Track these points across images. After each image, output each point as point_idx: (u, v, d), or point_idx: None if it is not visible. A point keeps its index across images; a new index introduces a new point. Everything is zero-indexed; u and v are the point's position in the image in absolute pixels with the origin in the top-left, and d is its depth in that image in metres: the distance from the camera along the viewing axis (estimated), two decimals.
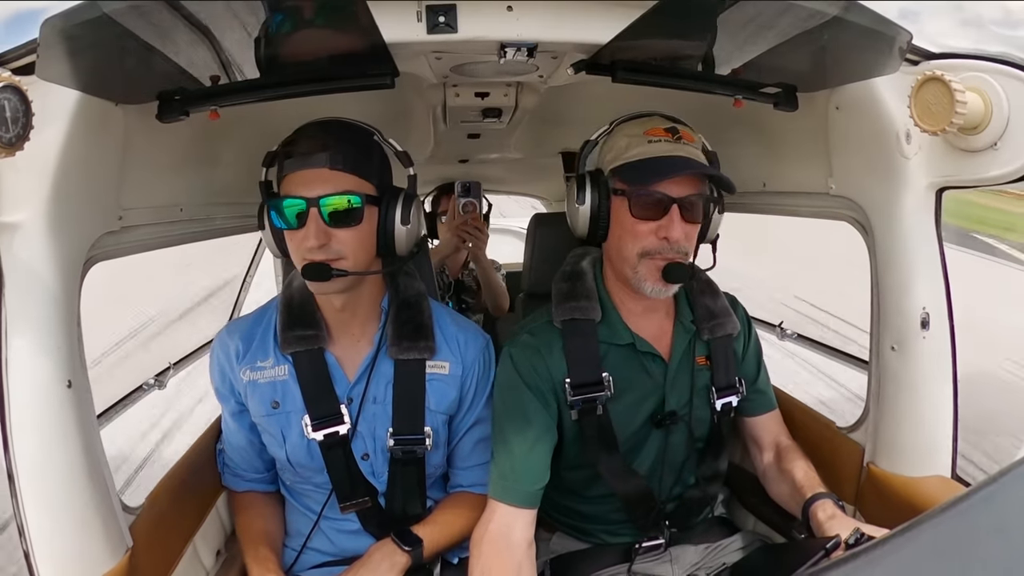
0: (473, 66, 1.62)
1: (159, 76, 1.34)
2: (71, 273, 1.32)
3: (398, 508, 1.71)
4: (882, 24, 1.26)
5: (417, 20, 1.24)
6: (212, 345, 1.74)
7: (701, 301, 1.80)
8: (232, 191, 2.06)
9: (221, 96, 1.42)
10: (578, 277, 1.75)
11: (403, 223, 1.55)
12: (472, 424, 1.77)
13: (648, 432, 1.76)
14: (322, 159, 1.47)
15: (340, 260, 1.50)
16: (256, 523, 1.74)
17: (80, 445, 1.32)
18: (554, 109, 2.35)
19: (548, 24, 1.30)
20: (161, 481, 1.75)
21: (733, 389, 1.81)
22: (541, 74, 1.69)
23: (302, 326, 1.63)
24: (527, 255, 2.47)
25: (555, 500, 1.81)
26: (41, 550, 1.29)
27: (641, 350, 1.72)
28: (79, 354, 1.36)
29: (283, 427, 1.65)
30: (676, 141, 1.58)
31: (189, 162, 1.82)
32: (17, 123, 1.05)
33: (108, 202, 1.46)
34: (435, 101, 2.19)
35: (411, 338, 1.66)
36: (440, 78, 1.73)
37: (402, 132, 2.51)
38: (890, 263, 1.61)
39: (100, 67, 1.27)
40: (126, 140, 1.46)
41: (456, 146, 3.13)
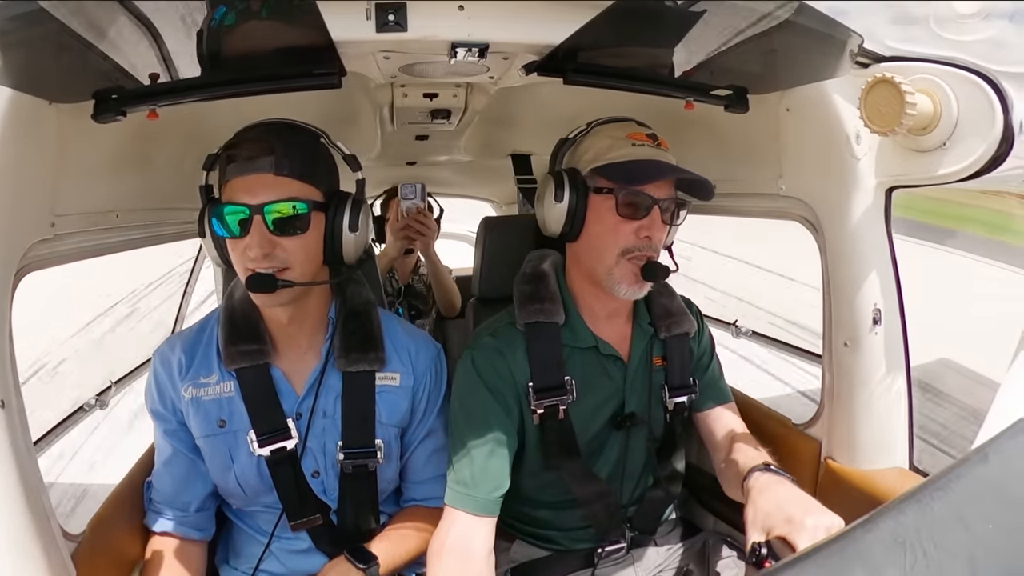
0: (422, 66, 1.58)
1: (95, 74, 1.27)
2: (1, 284, 1.25)
3: (350, 524, 1.65)
4: (833, 27, 1.27)
5: (366, 18, 1.20)
6: (152, 361, 1.65)
7: (658, 301, 1.82)
8: (171, 196, 2.00)
9: (160, 95, 1.37)
10: (540, 279, 1.73)
11: (351, 230, 1.50)
12: (425, 436, 1.72)
13: (608, 435, 1.76)
14: (266, 164, 1.40)
15: (286, 270, 1.44)
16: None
17: (15, 469, 1.23)
18: (504, 111, 2.33)
19: (500, 24, 1.28)
20: (103, 505, 1.65)
21: (687, 388, 1.82)
22: (492, 75, 1.65)
23: (246, 340, 1.56)
24: (477, 259, 2.42)
25: (514, 508, 1.78)
26: None
27: (603, 353, 1.72)
28: (12, 372, 1.28)
29: (231, 447, 1.58)
30: (656, 147, 1.61)
31: (126, 165, 1.74)
32: None
33: (40, 208, 1.38)
34: (382, 101, 2.15)
35: (360, 349, 1.61)
36: (388, 78, 1.69)
37: (348, 133, 2.49)
38: (841, 261, 1.63)
39: (33, 63, 1.21)
40: (60, 141, 1.40)
41: (404, 148, 3.08)
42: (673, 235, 1.76)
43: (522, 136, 2.83)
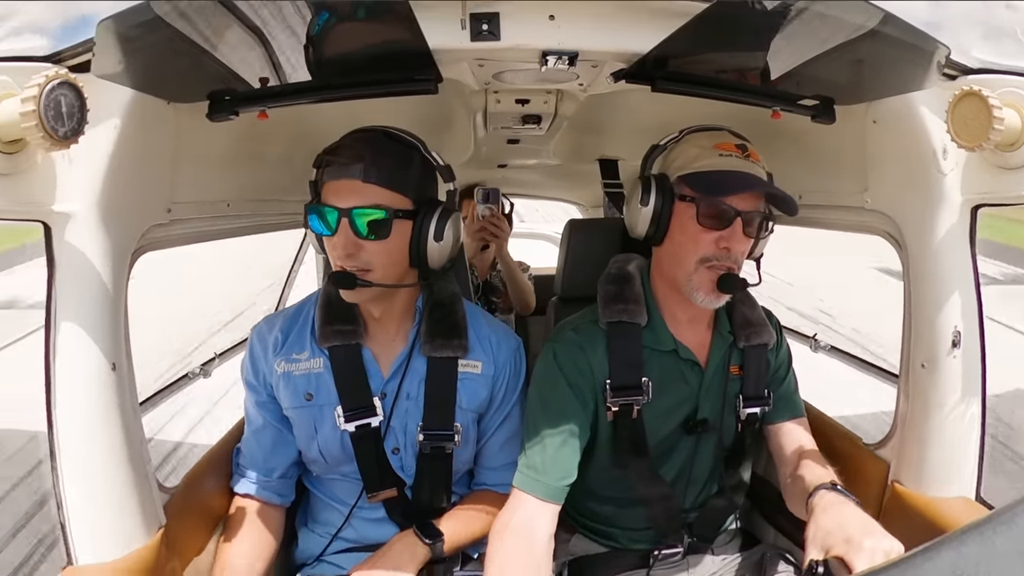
0: (514, 73, 1.60)
1: (210, 76, 1.35)
2: (120, 262, 1.34)
3: (423, 501, 1.70)
4: (920, 38, 1.22)
5: (461, 28, 1.23)
6: (249, 337, 1.73)
7: (739, 310, 1.77)
8: (277, 189, 2.08)
9: (270, 98, 1.43)
10: (626, 280, 1.71)
11: (436, 239, 1.53)
12: (500, 424, 1.75)
13: (679, 439, 1.73)
14: (356, 171, 1.46)
15: (368, 271, 1.49)
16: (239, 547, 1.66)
17: (121, 426, 1.34)
18: (593, 117, 2.32)
19: (589, 33, 1.28)
20: (196, 465, 1.78)
21: (761, 399, 1.76)
22: (581, 82, 1.66)
23: (341, 321, 1.62)
24: (561, 259, 2.42)
25: (578, 501, 1.78)
26: (77, 523, 1.31)
27: (682, 357, 1.69)
28: (124, 339, 1.38)
29: (315, 419, 1.64)
30: (745, 158, 1.57)
31: (237, 160, 1.83)
32: (72, 118, 1.07)
33: (158, 196, 1.48)
34: (476, 107, 2.19)
35: (445, 336, 1.65)
36: (482, 84, 1.72)
37: (444, 137, 2.52)
38: (923, 280, 1.56)
39: (153, 67, 1.29)
40: (177, 137, 1.48)
41: (495, 151, 3.12)
42: (762, 246, 1.72)
43: (610, 141, 2.82)
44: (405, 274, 1.58)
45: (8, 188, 1.13)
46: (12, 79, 1.08)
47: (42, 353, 1.28)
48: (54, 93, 1.04)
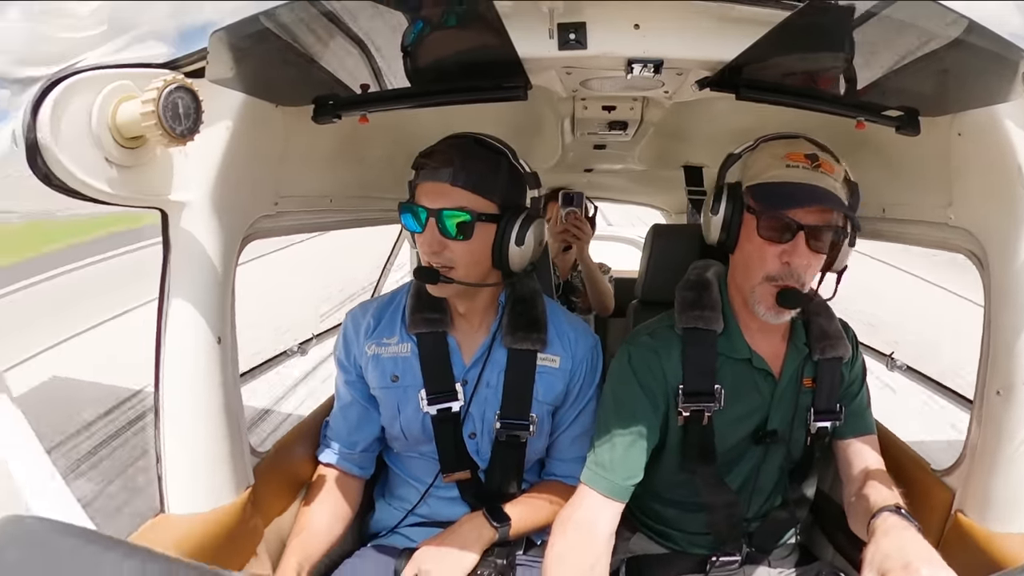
0: (601, 81, 1.58)
1: (315, 82, 1.38)
2: (229, 247, 1.42)
3: (495, 485, 1.72)
4: (1006, 48, 1.12)
5: (549, 37, 1.22)
6: (344, 321, 1.78)
7: (816, 321, 1.68)
8: (376, 187, 2.13)
9: (370, 103, 1.46)
10: (704, 287, 1.65)
11: (517, 243, 1.53)
12: (574, 418, 1.74)
13: (747, 448, 1.67)
14: (446, 174, 1.48)
15: (451, 269, 1.52)
16: (319, 510, 1.72)
17: (221, 393, 1.42)
18: (678, 124, 2.27)
19: (673, 42, 1.25)
20: (287, 433, 1.85)
21: (832, 414, 1.68)
22: (667, 90, 1.62)
23: (429, 310, 1.65)
24: (643, 263, 2.38)
25: (643, 501, 1.75)
26: (173, 477, 1.39)
27: (756, 366, 1.62)
28: (230, 316, 1.47)
29: (399, 400, 1.67)
30: (814, 169, 1.47)
31: (339, 159, 1.88)
32: (188, 118, 1.13)
33: (266, 189, 1.55)
34: (564, 113, 2.16)
35: (525, 329, 1.66)
36: (570, 91, 1.70)
37: (533, 142, 2.52)
38: (1005, 303, 1.42)
39: (262, 73, 1.34)
40: (284, 137, 1.55)
41: (582, 155, 3.08)
42: (844, 260, 1.60)
43: (695, 148, 2.75)
44: (488, 274, 1.59)
45: (130, 179, 1.20)
46: (134, 83, 1.15)
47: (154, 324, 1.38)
48: (172, 96, 1.10)
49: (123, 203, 1.24)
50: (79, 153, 1.11)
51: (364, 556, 1.74)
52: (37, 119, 1.06)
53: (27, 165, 1.09)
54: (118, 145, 1.16)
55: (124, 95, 1.14)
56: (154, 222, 1.37)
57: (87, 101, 1.11)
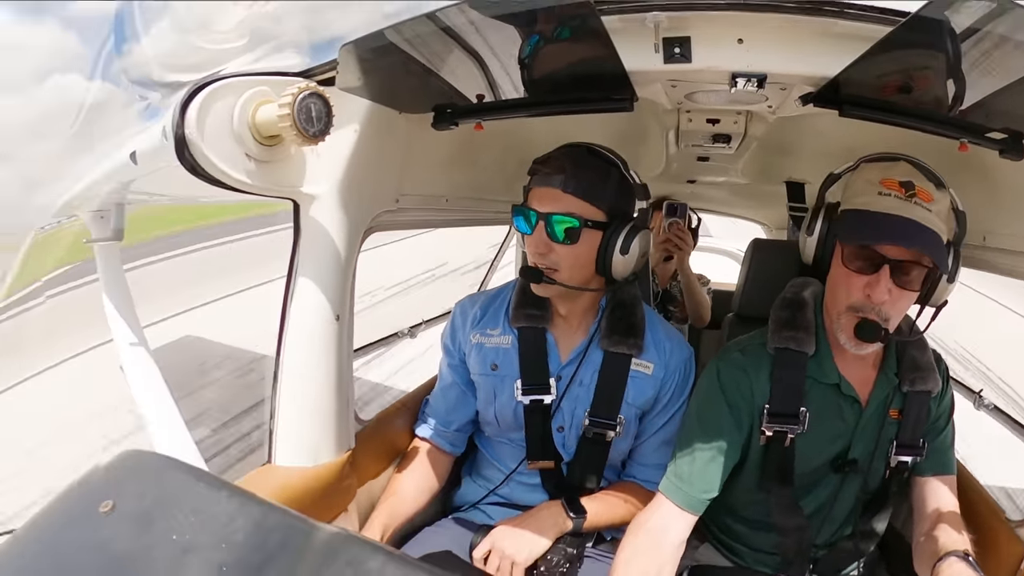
0: (705, 94, 1.54)
1: (435, 92, 1.41)
2: (353, 237, 1.50)
3: (576, 478, 1.71)
4: None
5: (655, 51, 1.20)
6: (453, 309, 1.82)
7: (908, 352, 1.56)
8: (489, 189, 2.17)
9: (485, 111, 1.48)
10: (799, 307, 1.57)
11: (621, 252, 1.52)
12: (660, 426, 1.71)
13: (825, 474, 1.58)
14: (557, 181, 1.49)
15: (555, 271, 1.52)
16: (409, 478, 1.77)
17: (335, 363, 1.50)
18: (782, 138, 2.19)
19: (777, 56, 1.21)
20: (391, 406, 1.92)
21: (915, 448, 1.55)
22: (770, 104, 1.56)
23: (532, 307, 1.66)
24: (742, 278, 2.31)
25: (715, 513, 1.67)
26: (284, 432, 1.49)
27: (843, 392, 1.52)
28: (349, 298, 1.56)
29: (496, 387, 1.70)
30: (907, 199, 1.33)
31: (456, 163, 1.92)
32: (320, 121, 1.19)
33: (389, 187, 1.62)
34: (669, 125, 2.12)
35: (622, 334, 1.64)
36: (675, 104, 1.67)
37: (638, 152, 2.48)
38: None
39: (387, 83, 1.39)
40: (406, 142, 1.60)
41: (686, 167, 3.00)
42: (940, 296, 1.42)
43: (798, 164, 2.64)
44: (590, 279, 1.59)
45: (267, 172, 1.29)
46: (271, 89, 1.23)
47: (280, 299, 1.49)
48: (305, 101, 1.17)
49: (260, 193, 1.33)
50: (222, 148, 1.20)
51: (444, 526, 1.78)
52: (185, 117, 1.15)
53: (175, 156, 1.19)
54: (257, 142, 1.25)
55: (263, 99, 1.23)
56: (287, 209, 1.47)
57: (230, 103, 1.20)
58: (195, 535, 0.76)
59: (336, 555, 0.71)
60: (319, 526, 0.75)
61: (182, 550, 0.75)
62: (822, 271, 1.51)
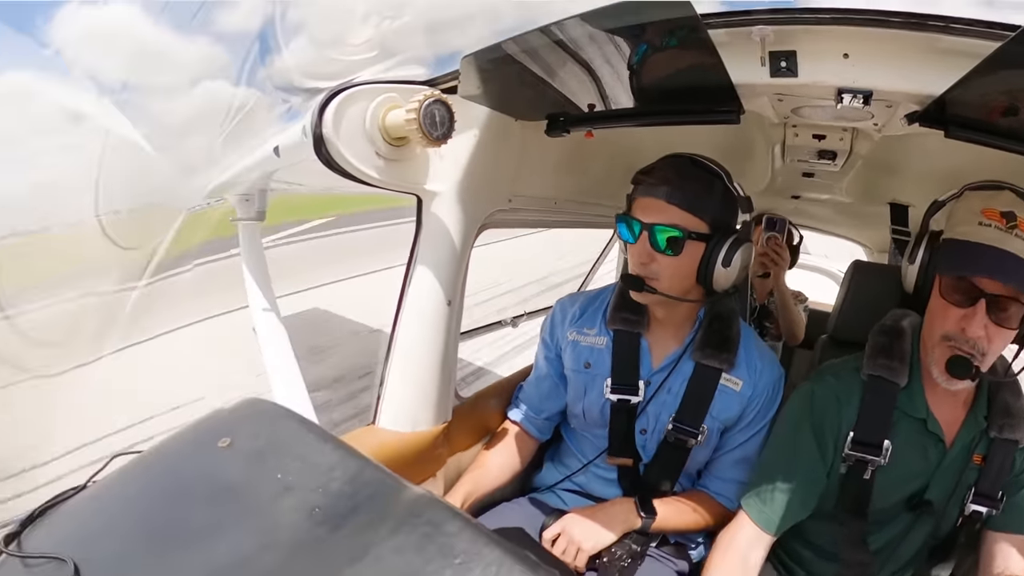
0: (811, 109, 1.48)
1: (549, 101, 1.43)
2: (468, 231, 1.56)
3: (651, 479, 1.68)
4: None
5: (761, 64, 1.17)
6: (554, 306, 1.83)
7: (1000, 396, 1.41)
8: (595, 194, 2.16)
9: (595, 120, 1.48)
10: (897, 336, 1.46)
11: (723, 265, 1.47)
12: (741, 443, 1.65)
13: (897, 512, 1.47)
14: (662, 192, 1.46)
15: (655, 280, 1.49)
16: (496, 455, 1.79)
17: (443, 342, 1.57)
18: (887, 158, 2.06)
19: (883, 72, 1.14)
20: (488, 387, 1.97)
21: (992, 500, 1.40)
22: (875, 122, 1.48)
23: (629, 311, 1.64)
24: (839, 300, 2.17)
25: (784, 535, 1.56)
26: (390, 399, 1.58)
27: (929, 429, 1.40)
28: (461, 286, 1.63)
29: (587, 384, 1.69)
30: (1008, 231, 1.22)
31: (565, 168, 1.93)
32: (443, 125, 1.26)
33: (503, 188, 1.66)
34: (776, 139, 2.04)
35: (715, 347, 1.59)
36: (781, 118, 1.61)
37: (743, 165, 2.38)
38: None
39: (504, 91, 1.43)
40: (521, 147, 1.64)
41: (790, 182, 2.85)
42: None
43: (903, 185, 2.46)
44: (690, 289, 1.54)
45: (394, 169, 1.37)
46: (400, 96, 1.30)
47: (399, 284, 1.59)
48: (430, 107, 1.24)
49: (387, 187, 1.42)
50: (355, 146, 1.30)
51: (521, 504, 1.80)
52: (323, 118, 1.25)
53: (313, 152, 1.28)
54: (386, 143, 1.34)
55: (392, 104, 1.32)
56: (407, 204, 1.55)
57: (362, 107, 1.30)
58: (297, 477, 0.82)
59: (419, 515, 0.74)
60: (408, 486, 0.79)
61: (284, 488, 0.81)
62: (922, 301, 1.41)
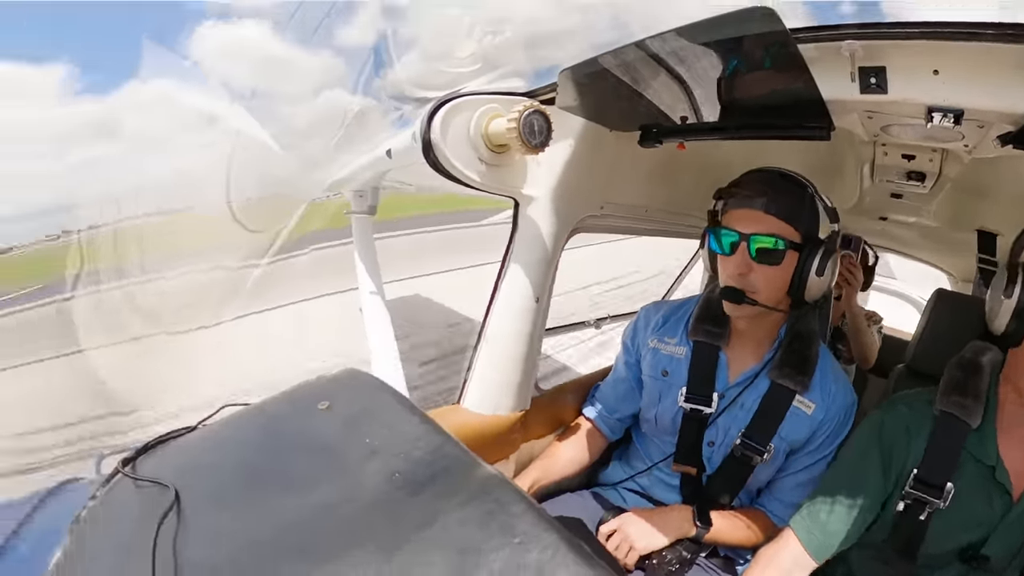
0: (901, 128, 1.40)
1: (642, 112, 1.42)
2: (560, 234, 1.60)
3: (712, 490, 1.62)
4: None
5: (851, 80, 1.11)
6: (638, 312, 1.80)
7: None
8: (683, 204, 2.12)
9: (687, 132, 1.46)
10: (975, 372, 1.30)
11: (817, 274, 1.42)
12: (805, 467, 1.57)
13: (950, 562, 1.31)
14: (759, 203, 1.40)
15: (754, 292, 1.44)
16: (566, 447, 1.78)
17: (529, 336, 1.61)
18: (977, 181, 1.92)
19: (974, 90, 1.06)
20: (566, 383, 1.99)
21: None
22: (966, 143, 1.37)
23: (711, 323, 1.60)
24: (920, 329, 2.01)
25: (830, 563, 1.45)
26: (476, 382, 1.63)
27: (997, 479, 1.24)
28: (550, 285, 1.66)
29: (662, 392, 1.65)
30: None
31: (656, 178, 1.91)
32: (542, 134, 1.30)
33: (595, 195, 1.67)
34: (864, 158, 1.95)
35: (793, 367, 1.52)
36: (871, 136, 1.53)
37: (831, 183, 2.29)
38: None
39: (599, 103, 1.43)
40: (614, 156, 1.65)
41: (879, 202, 2.66)
42: None
43: (992, 212, 2.25)
44: (781, 300, 1.48)
45: (495, 174, 1.42)
46: (501, 106, 1.35)
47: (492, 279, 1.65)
48: (529, 117, 1.28)
49: (488, 190, 1.46)
50: (459, 151, 1.36)
51: (583, 496, 1.79)
52: (431, 125, 1.32)
53: (422, 155, 1.35)
54: (488, 149, 1.39)
55: (494, 114, 1.38)
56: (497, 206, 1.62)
57: (467, 116, 1.36)
58: (383, 443, 0.87)
59: (488, 492, 0.77)
60: (481, 464, 0.82)
61: (370, 451, 0.86)
62: (1012, 341, 1.26)
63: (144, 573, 0.68)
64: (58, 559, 0.79)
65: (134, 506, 0.86)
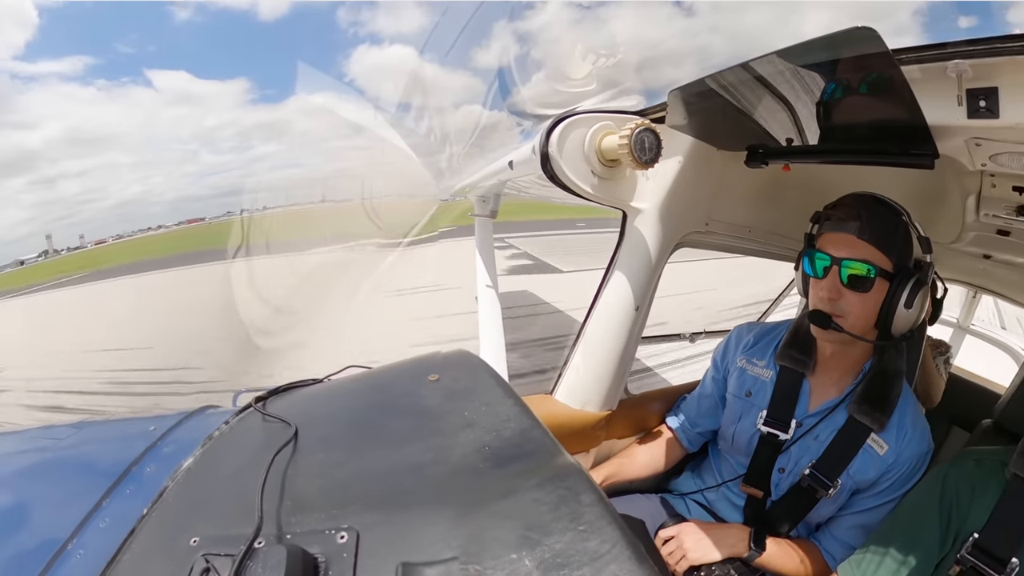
0: (1012, 156, 1.18)
1: (750, 133, 1.34)
2: (664, 247, 1.56)
3: (773, 517, 1.50)
4: None
5: (957, 104, 0.95)
6: (732, 331, 1.72)
7: None
8: (786, 227, 1.94)
9: (793, 155, 1.36)
10: None
11: (906, 306, 1.29)
12: (866, 509, 1.43)
13: None
14: (852, 227, 1.29)
15: (841, 318, 1.33)
16: (644, 450, 1.74)
17: (625, 341, 1.58)
18: None
19: None
20: (655, 390, 1.92)
21: None
22: None
23: (799, 350, 1.50)
24: (1015, 383, 1.73)
25: None
26: (570, 375, 1.62)
27: None
28: (650, 295, 1.61)
29: (743, 412, 1.56)
30: None
31: (761, 198, 1.79)
32: (652, 151, 1.28)
33: (701, 211, 1.62)
34: (971, 189, 1.68)
35: (872, 405, 1.39)
36: (978, 166, 1.29)
37: (931, 214, 1.99)
38: None
39: (707, 123, 1.38)
40: (720, 175, 1.59)
41: (983, 239, 2.19)
42: None
43: None
44: (868, 331, 1.35)
45: (606, 187, 1.42)
46: (614, 123, 1.35)
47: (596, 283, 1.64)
48: (640, 134, 1.27)
49: (599, 202, 1.46)
50: (574, 165, 1.37)
51: (651, 500, 1.74)
52: (549, 139, 1.33)
53: (540, 167, 1.34)
54: (600, 163, 1.39)
55: (607, 131, 1.39)
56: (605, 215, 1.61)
57: (582, 132, 1.36)
58: (479, 418, 0.89)
59: (564, 479, 0.75)
60: (562, 452, 0.81)
61: (466, 423, 0.88)
62: None
63: (254, 488, 0.73)
64: (188, 464, 0.86)
65: (259, 435, 0.93)
